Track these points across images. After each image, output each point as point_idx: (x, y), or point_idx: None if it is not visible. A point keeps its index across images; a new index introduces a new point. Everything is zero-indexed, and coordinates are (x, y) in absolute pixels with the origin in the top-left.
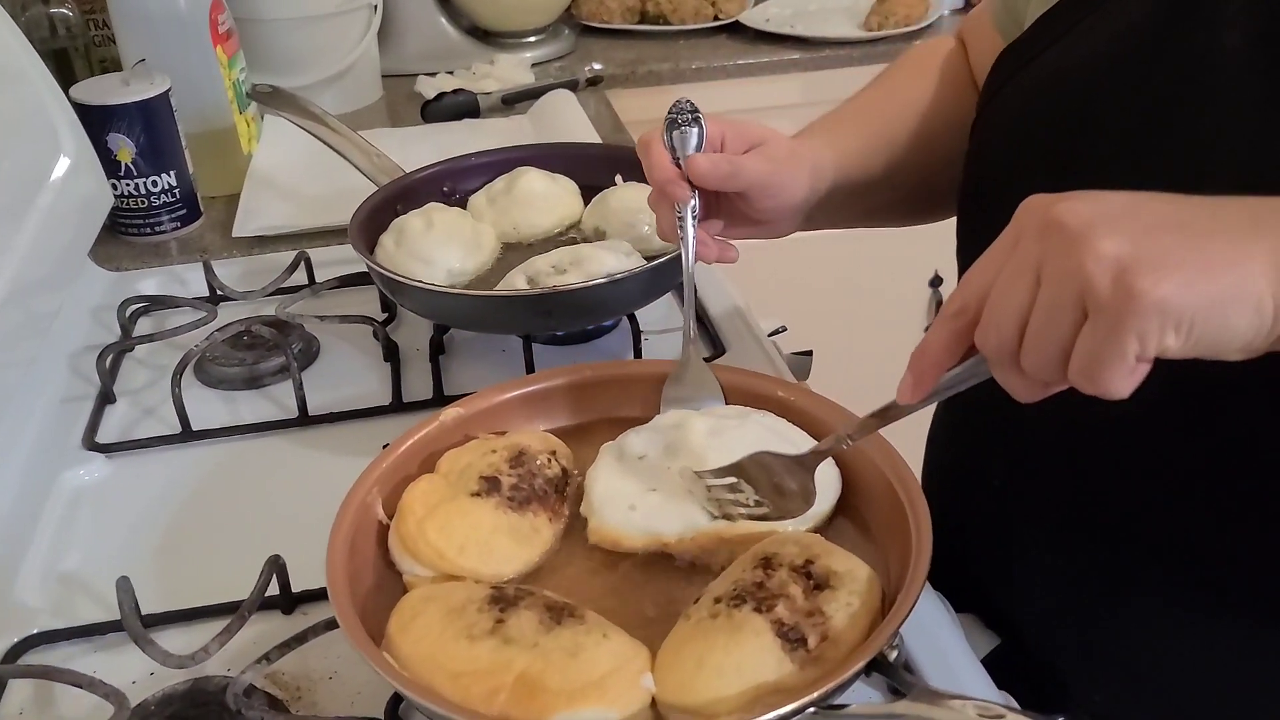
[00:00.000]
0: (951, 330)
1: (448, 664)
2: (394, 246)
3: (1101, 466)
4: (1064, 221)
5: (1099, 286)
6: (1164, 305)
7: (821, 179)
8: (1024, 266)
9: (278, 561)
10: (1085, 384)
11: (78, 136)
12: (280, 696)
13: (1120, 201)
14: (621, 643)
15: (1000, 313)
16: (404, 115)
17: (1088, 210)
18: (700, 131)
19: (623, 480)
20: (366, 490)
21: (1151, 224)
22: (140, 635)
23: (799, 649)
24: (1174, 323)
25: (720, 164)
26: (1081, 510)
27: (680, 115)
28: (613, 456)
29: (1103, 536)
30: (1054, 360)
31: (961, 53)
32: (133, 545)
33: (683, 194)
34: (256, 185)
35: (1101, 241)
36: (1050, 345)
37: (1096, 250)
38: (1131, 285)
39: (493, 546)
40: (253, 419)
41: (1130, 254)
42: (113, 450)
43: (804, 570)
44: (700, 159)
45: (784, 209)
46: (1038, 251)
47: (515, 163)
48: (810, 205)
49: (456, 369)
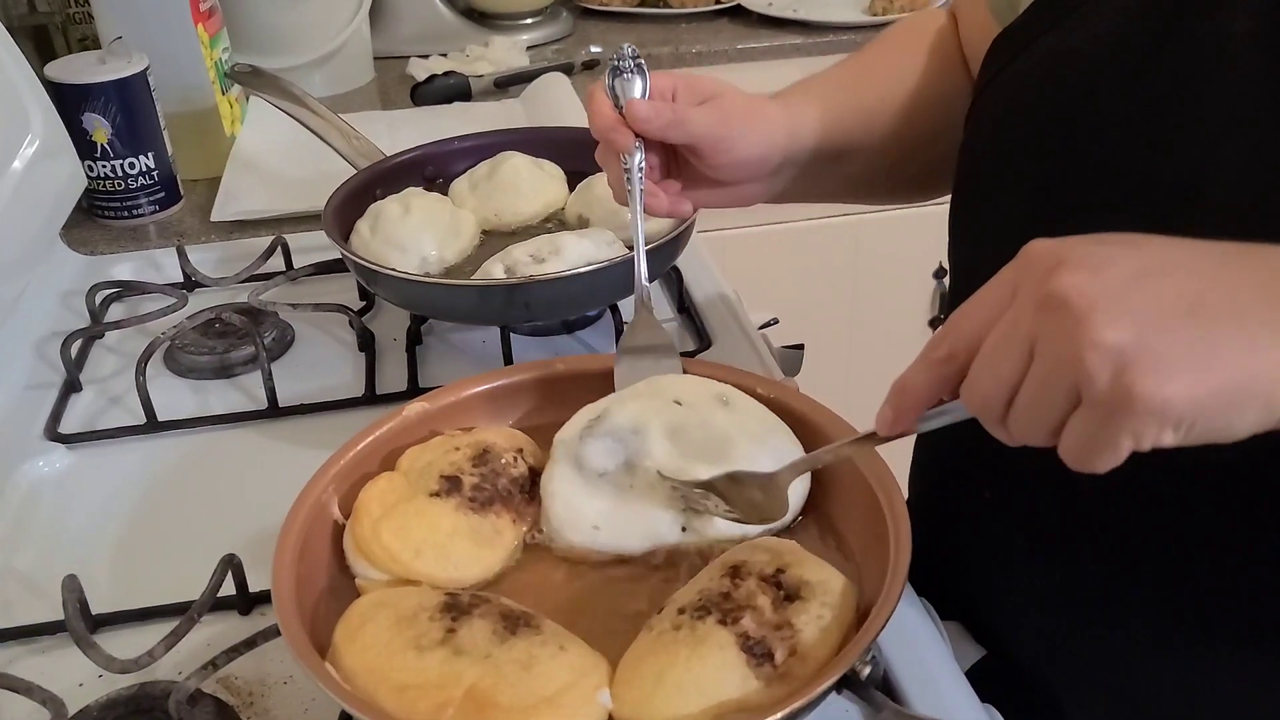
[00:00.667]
0: (936, 376)
1: (394, 676)
2: (369, 233)
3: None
4: (1066, 299)
5: (1097, 381)
6: (1164, 409)
7: (792, 140)
8: (1018, 336)
9: (232, 561)
10: (1073, 464)
11: (48, 116)
12: (231, 702)
13: (1130, 269)
14: (579, 655)
15: (988, 379)
16: (395, 98)
17: (1092, 287)
18: (644, 80)
19: (584, 499)
20: (322, 488)
21: (1160, 307)
22: (83, 637)
23: (765, 664)
24: (1173, 423)
25: (663, 110)
26: (1074, 526)
27: (622, 61)
28: (570, 466)
29: (1096, 554)
30: (1041, 434)
31: (952, 28)
32: (90, 540)
33: (624, 141)
34: (239, 168)
35: (1103, 330)
36: (1038, 423)
37: (1096, 340)
38: (1131, 386)
39: (450, 550)
40: (221, 410)
41: (1133, 348)
42: (75, 441)
43: (774, 580)
44: (640, 103)
45: (740, 167)
46: (1034, 325)
47: (500, 147)
48: (776, 168)
49: (434, 360)
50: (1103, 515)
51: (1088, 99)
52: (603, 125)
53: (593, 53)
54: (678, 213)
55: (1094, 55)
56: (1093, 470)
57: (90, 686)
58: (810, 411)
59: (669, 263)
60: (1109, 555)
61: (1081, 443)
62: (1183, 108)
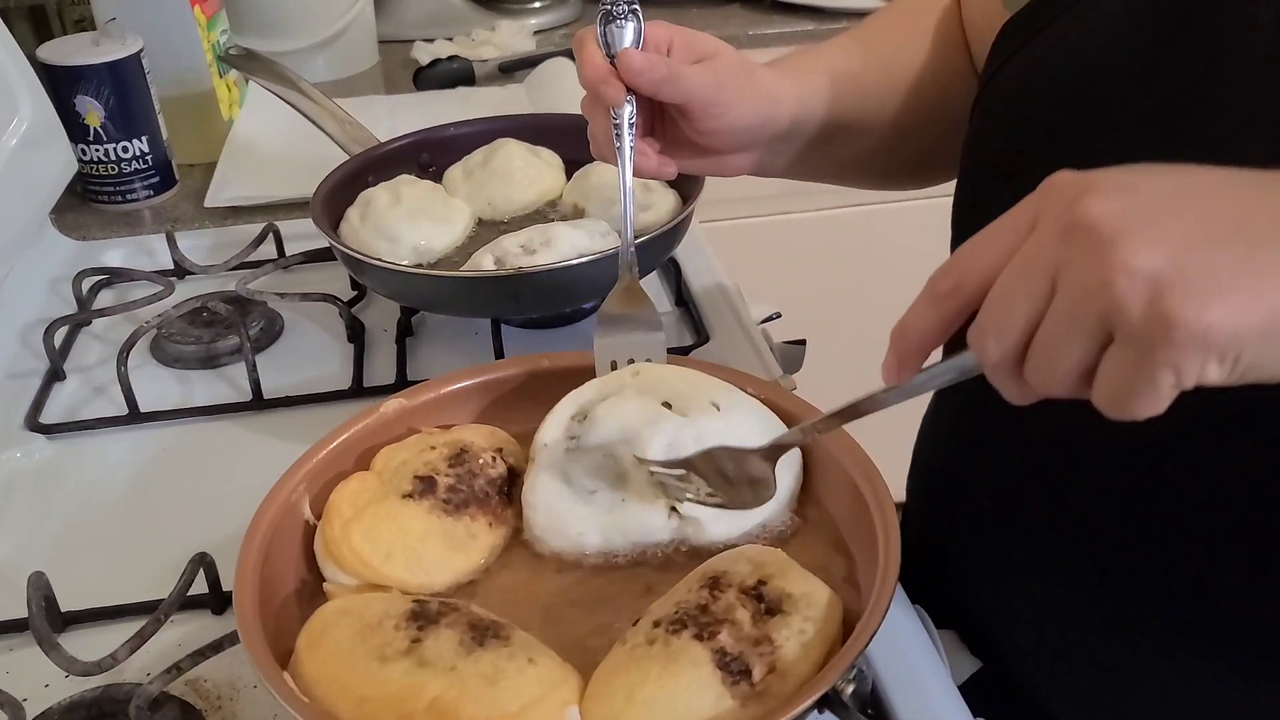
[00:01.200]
0: (940, 314)
1: (355, 688)
2: (359, 222)
3: (1101, 491)
4: (1093, 223)
5: (1130, 311)
6: (1207, 336)
7: (787, 112)
8: (1038, 268)
9: (204, 560)
10: (1109, 410)
11: (37, 98)
12: (198, 706)
13: (1163, 193)
14: (548, 669)
15: (1003, 318)
16: (400, 83)
17: (1122, 210)
18: (638, 28)
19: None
20: (291, 488)
21: (1198, 230)
22: (45, 638)
23: (741, 682)
24: (1218, 354)
25: (657, 64)
26: (1077, 536)
27: (615, 7)
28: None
29: (1101, 566)
30: (1066, 380)
31: (955, 10)
32: (66, 534)
33: (615, 95)
34: (235, 153)
35: (1136, 255)
36: (1063, 365)
37: (1129, 266)
38: (1169, 313)
39: (422, 554)
40: (205, 401)
41: (1169, 272)
42: (55, 431)
43: (754, 592)
44: (634, 54)
45: (729, 134)
46: (1057, 254)
47: (496, 133)
48: (764, 140)
49: (425, 352)
50: (1107, 525)
51: (1100, 89)
52: (592, 75)
53: None
54: (664, 174)
55: (1106, 44)
56: (1133, 416)
57: (57, 687)
58: (801, 413)
59: (666, 254)
60: (1113, 567)
61: (1117, 383)
62: (1201, 100)
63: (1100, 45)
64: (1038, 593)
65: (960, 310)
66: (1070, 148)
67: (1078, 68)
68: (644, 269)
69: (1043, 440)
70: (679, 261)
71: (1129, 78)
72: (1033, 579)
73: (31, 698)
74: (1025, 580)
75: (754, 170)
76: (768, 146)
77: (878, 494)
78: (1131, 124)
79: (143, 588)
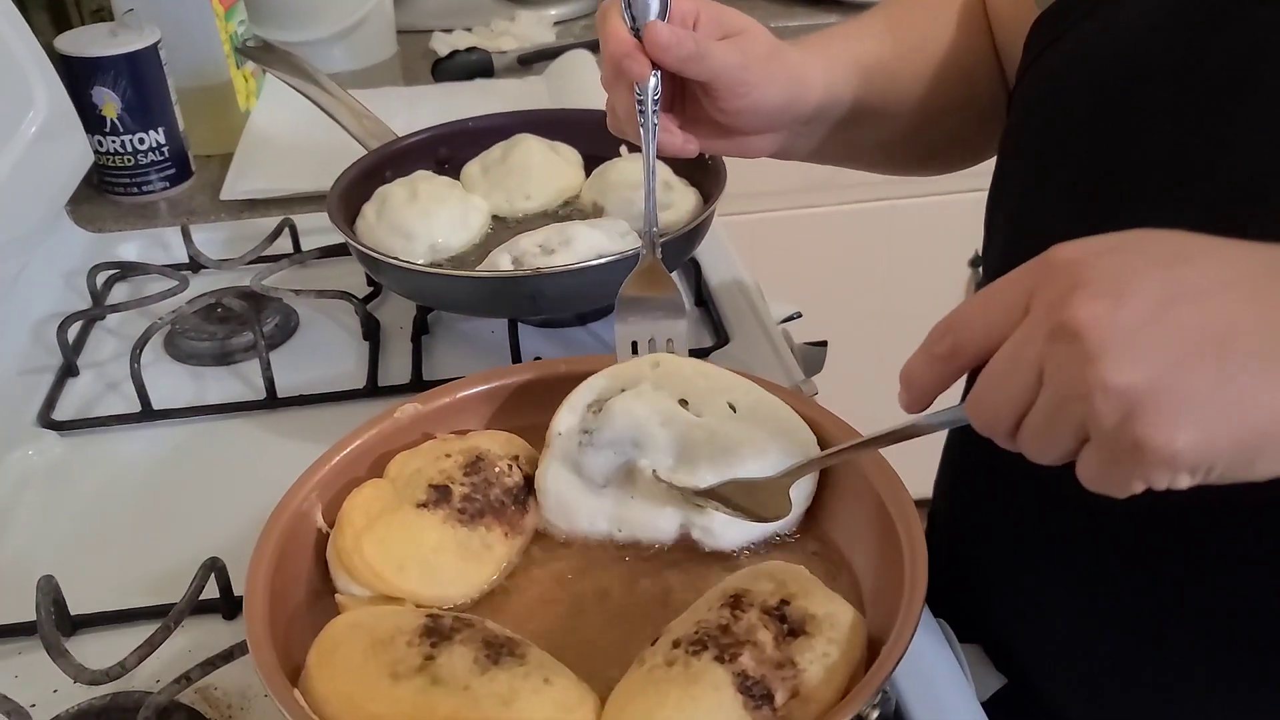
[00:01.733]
0: (938, 374)
1: (366, 706)
2: (375, 218)
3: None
4: (1079, 329)
5: (1104, 425)
6: (1175, 459)
7: (809, 93)
8: (1028, 360)
9: (215, 565)
10: (1087, 486)
11: (53, 89)
12: (209, 715)
13: (1153, 297)
14: (564, 689)
15: (995, 400)
16: (418, 74)
17: (1108, 319)
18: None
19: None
20: (303, 496)
21: (1181, 346)
22: (54, 644)
23: (763, 707)
24: (1188, 470)
25: (685, 39)
26: (1110, 550)
27: None
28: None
29: (1136, 582)
30: (1055, 460)
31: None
32: (77, 533)
33: (639, 70)
34: (252, 145)
35: (1114, 373)
36: (1048, 450)
37: (1105, 383)
38: (1139, 435)
39: (436, 566)
40: (219, 399)
41: (1144, 393)
42: (67, 428)
43: (777, 612)
44: (661, 27)
45: (754, 114)
46: (1045, 351)
47: (515, 128)
48: (788, 122)
49: (441, 351)
50: (1143, 539)
51: (1135, 85)
52: (617, 49)
53: None
54: (686, 152)
55: (1141, 40)
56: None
57: (65, 692)
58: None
59: (686, 254)
60: (1149, 583)
61: (1093, 474)
62: (1238, 96)
63: (1135, 40)
64: (1069, 609)
65: (956, 373)
66: (1105, 143)
67: (1112, 63)
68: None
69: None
70: (698, 260)
71: (1164, 74)
72: (1063, 595)
73: (39, 703)
74: (1055, 596)
75: (774, 152)
76: (791, 129)
77: (903, 508)
78: (1167, 120)
79: (153, 590)
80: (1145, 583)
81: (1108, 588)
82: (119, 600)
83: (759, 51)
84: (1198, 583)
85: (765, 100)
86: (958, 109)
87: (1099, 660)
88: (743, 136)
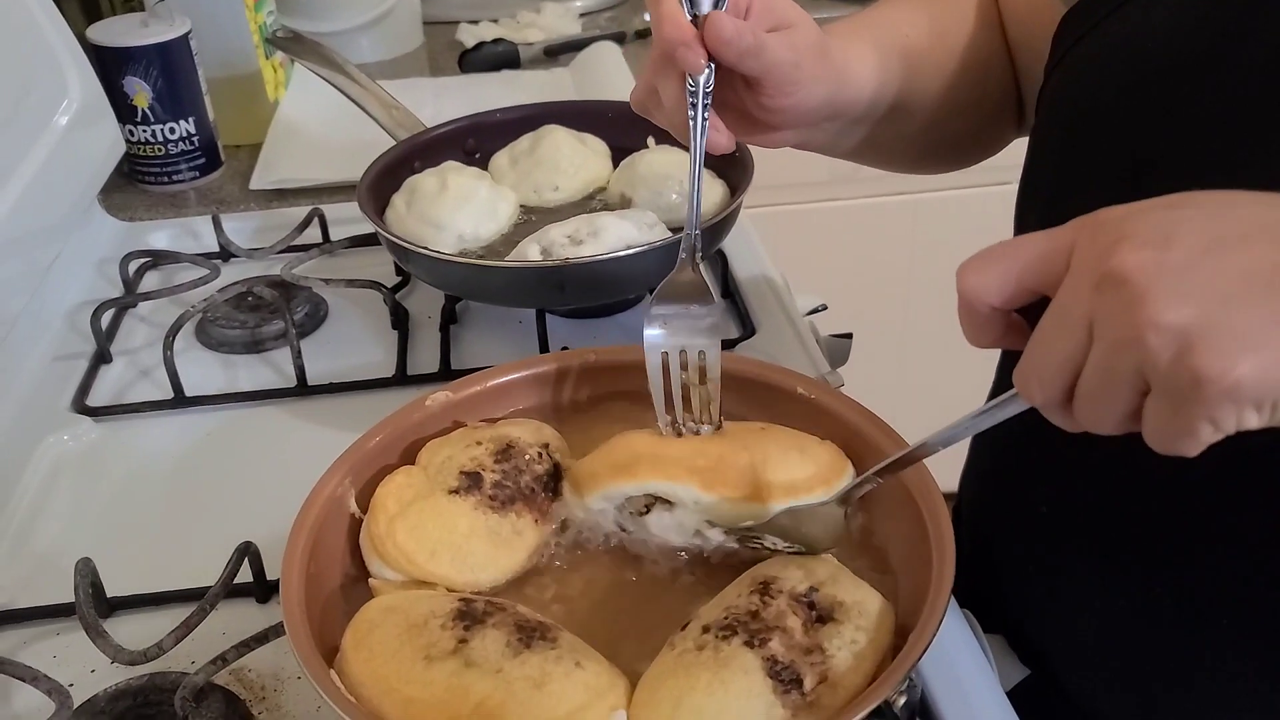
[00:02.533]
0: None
1: (401, 688)
2: (405, 209)
3: (1165, 498)
4: (1125, 276)
5: (1160, 366)
6: (1237, 391)
7: (858, 94)
8: (1075, 316)
9: (248, 549)
10: (1157, 449)
11: (86, 79)
12: (242, 696)
13: (1198, 243)
14: (595, 673)
15: (1044, 365)
16: (444, 64)
17: (1154, 263)
18: None
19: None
20: (338, 481)
21: (1230, 284)
22: (92, 625)
23: (792, 691)
24: (1253, 404)
25: (745, 33)
26: (1141, 545)
27: None
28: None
29: (1165, 575)
30: (1113, 424)
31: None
32: (112, 517)
33: (696, 61)
34: (280, 135)
35: (1165, 310)
36: (1108, 412)
37: (1158, 321)
38: (1197, 369)
39: (468, 551)
40: (250, 386)
41: (1198, 327)
42: (101, 414)
43: (806, 599)
44: (725, 19)
45: (795, 112)
46: (1092, 304)
47: (543, 120)
48: (825, 120)
49: (469, 340)
50: (1172, 533)
51: (1165, 79)
52: (674, 36)
53: (647, 21)
54: (726, 148)
55: (1172, 33)
56: (1181, 454)
57: (103, 673)
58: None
59: (713, 247)
60: (1177, 576)
61: (1159, 430)
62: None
63: (1166, 34)
64: (1096, 603)
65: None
66: (1141, 140)
67: (1146, 58)
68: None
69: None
70: (725, 252)
71: (1196, 68)
72: (1091, 588)
73: (78, 683)
74: (1083, 589)
75: (797, 144)
76: (820, 125)
77: (931, 501)
78: (1204, 115)
79: (187, 573)
80: (1176, 577)
81: (1138, 583)
82: (154, 583)
83: (809, 48)
84: (1231, 577)
85: (809, 99)
86: (972, 106)
87: (1127, 652)
88: (770, 130)
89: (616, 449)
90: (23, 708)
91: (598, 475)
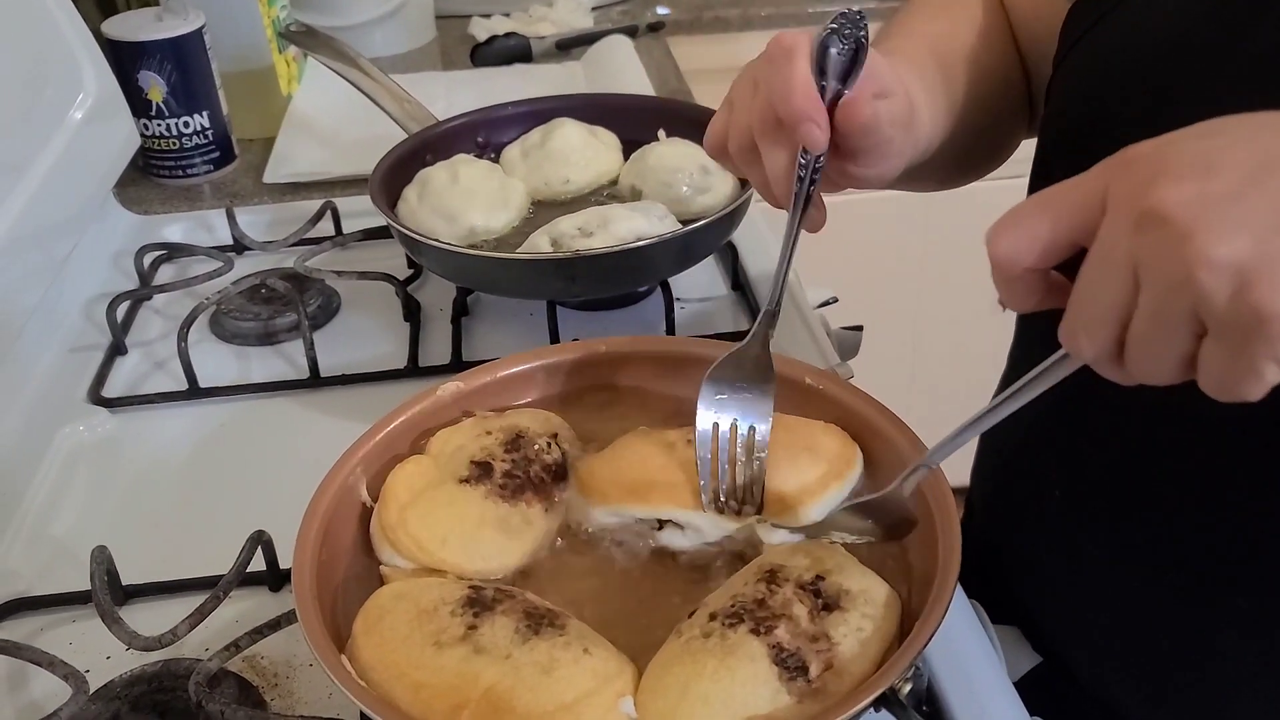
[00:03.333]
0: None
1: (411, 673)
2: (417, 201)
3: (1180, 485)
4: (1168, 213)
5: (1217, 305)
6: None
7: (920, 151)
8: (1118, 260)
9: (261, 538)
10: (1217, 396)
11: (101, 73)
12: (255, 683)
13: (1241, 168)
14: (603, 660)
15: (1091, 315)
16: (457, 58)
17: (1197, 197)
18: (859, 62)
19: None
20: (350, 470)
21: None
22: (108, 612)
23: (798, 679)
24: None
25: (877, 119)
26: (1155, 531)
27: (845, 28)
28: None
29: (1179, 561)
30: (1169, 372)
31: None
32: (128, 507)
33: (819, 139)
34: (294, 129)
35: (1216, 245)
36: (1162, 359)
37: (1209, 258)
38: (1259, 305)
39: (478, 540)
40: (263, 377)
41: (1254, 260)
42: (117, 405)
43: (812, 587)
44: (864, 104)
45: (876, 181)
46: (1134, 245)
47: (554, 113)
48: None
49: (480, 332)
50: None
51: (1176, 67)
52: (802, 107)
53: (659, 15)
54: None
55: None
56: (1244, 400)
57: (118, 660)
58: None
59: (724, 238)
60: (1193, 562)
61: (1219, 374)
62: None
63: (1176, 23)
64: (1110, 590)
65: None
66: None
67: (1156, 48)
68: (701, 253)
69: (1116, 431)
70: (735, 244)
71: (1207, 56)
72: (1105, 574)
73: (94, 669)
74: (1096, 576)
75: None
76: None
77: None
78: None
79: (201, 562)
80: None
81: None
82: (168, 571)
83: (901, 120)
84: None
85: (894, 170)
86: (997, 120)
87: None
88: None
89: (628, 466)
90: (40, 693)
91: (608, 495)
